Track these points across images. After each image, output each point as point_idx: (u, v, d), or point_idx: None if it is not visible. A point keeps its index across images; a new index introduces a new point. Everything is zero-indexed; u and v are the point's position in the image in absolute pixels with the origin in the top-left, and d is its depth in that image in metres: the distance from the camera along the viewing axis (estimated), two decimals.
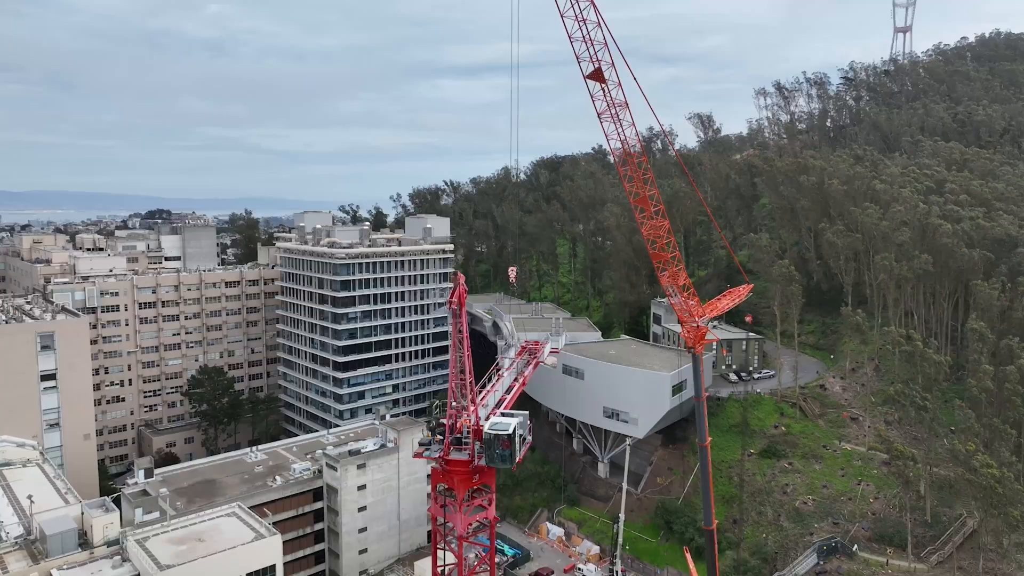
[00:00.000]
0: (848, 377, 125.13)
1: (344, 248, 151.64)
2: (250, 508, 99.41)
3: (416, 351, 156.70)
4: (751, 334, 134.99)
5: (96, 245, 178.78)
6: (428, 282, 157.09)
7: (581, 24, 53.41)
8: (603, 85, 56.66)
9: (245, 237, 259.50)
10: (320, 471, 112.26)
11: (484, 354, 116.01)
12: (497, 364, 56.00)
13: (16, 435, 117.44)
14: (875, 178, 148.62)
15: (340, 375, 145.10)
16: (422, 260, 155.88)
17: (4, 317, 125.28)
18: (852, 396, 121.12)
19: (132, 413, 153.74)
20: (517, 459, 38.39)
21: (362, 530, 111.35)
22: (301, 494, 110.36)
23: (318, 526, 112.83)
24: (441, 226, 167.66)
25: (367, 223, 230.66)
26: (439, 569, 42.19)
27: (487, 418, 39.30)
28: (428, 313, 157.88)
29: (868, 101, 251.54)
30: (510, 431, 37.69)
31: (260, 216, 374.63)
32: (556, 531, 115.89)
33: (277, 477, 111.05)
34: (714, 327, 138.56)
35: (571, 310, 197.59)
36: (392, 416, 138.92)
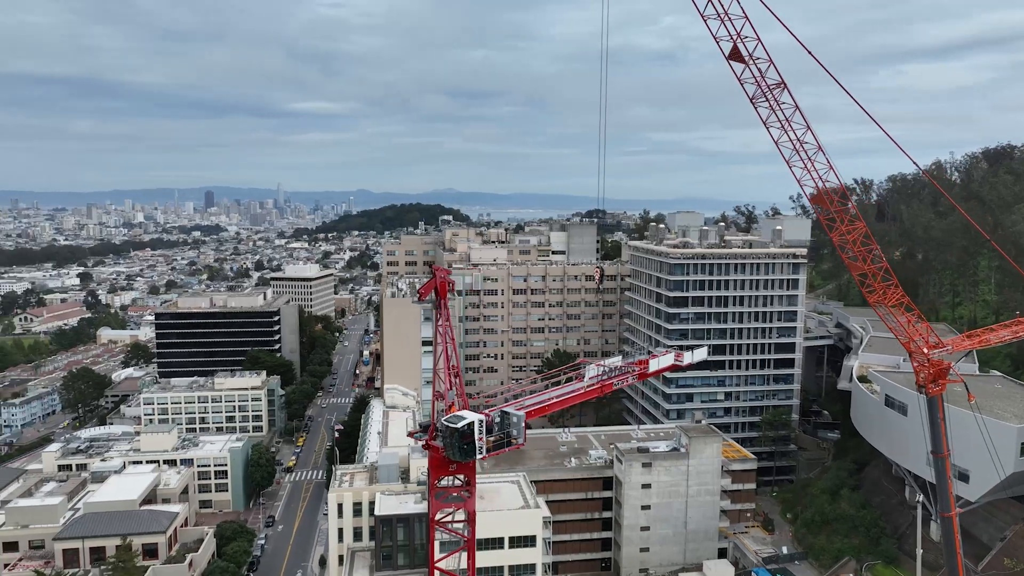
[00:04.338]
0: None
1: (691, 248, 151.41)
2: (541, 481, 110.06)
3: (754, 360, 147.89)
4: None
5: (499, 239, 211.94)
6: (772, 288, 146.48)
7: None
8: (747, 65, 47.60)
9: (639, 235, 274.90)
10: (612, 462, 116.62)
11: None
12: (582, 369, 53.14)
13: (404, 386, 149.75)
14: None
15: (668, 374, 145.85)
16: (766, 264, 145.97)
17: (406, 292, 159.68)
18: None
19: (502, 383, 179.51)
20: (481, 456, 37.99)
21: (644, 528, 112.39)
22: (591, 479, 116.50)
23: (607, 514, 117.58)
24: (797, 229, 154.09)
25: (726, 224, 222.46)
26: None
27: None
28: (771, 321, 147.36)
29: None
30: (459, 426, 37.40)
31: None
32: None
33: (573, 459, 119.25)
34: None
35: None
36: (712, 423, 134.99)
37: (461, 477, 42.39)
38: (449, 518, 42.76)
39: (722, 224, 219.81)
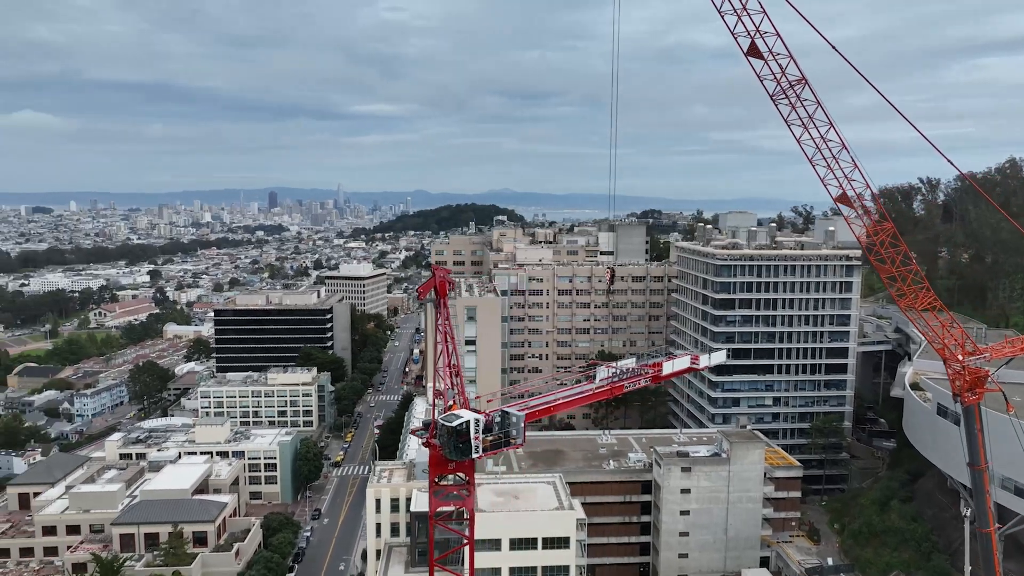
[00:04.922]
0: None
1: (739, 250, 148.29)
2: (578, 483, 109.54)
3: (804, 365, 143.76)
4: None
5: (546, 239, 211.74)
6: (824, 290, 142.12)
7: None
8: (765, 62, 45.90)
9: (692, 236, 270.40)
10: (651, 466, 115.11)
11: None
12: (594, 371, 52.23)
13: None
14: None
15: (714, 378, 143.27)
16: (817, 266, 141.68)
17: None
18: None
19: (546, 384, 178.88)
20: (478, 455, 37.80)
21: (683, 534, 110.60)
22: (629, 482, 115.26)
23: (645, 518, 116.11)
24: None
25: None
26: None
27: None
28: (823, 325, 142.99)
29: None
30: (454, 425, 37.35)
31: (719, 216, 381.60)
32: None
33: (612, 461, 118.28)
34: None
35: None
36: (760, 429, 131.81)
37: (461, 475, 42.72)
38: (453, 516, 43.43)
39: (774, 225, 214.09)
